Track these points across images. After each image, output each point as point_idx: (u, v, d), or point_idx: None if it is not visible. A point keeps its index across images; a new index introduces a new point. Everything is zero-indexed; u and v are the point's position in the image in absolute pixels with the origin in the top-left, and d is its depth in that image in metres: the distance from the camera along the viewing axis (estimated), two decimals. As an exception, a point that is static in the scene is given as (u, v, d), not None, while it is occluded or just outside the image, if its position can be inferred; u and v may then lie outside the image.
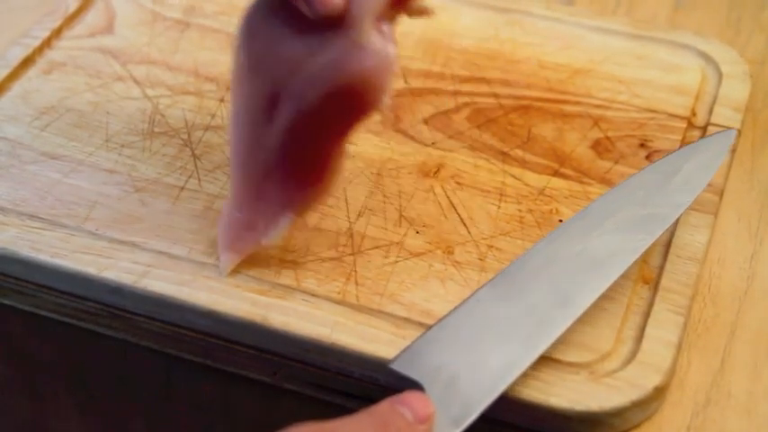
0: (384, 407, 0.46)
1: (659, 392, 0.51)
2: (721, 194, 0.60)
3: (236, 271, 0.55)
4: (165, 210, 0.59)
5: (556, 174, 0.61)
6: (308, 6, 0.49)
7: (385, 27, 0.50)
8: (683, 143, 0.63)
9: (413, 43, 0.70)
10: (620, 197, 0.56)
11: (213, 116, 0.65)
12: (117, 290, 0.55)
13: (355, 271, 0.56)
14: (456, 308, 0.52)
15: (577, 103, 0.61)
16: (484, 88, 0.67)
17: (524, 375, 0.50)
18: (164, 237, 0.57)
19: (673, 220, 0.55)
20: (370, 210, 0.59)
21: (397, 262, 0.56)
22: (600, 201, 0.56)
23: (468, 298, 0.52)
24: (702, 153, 0.58)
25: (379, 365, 0.51)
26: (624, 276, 0.55)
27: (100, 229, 0.58)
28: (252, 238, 0.55)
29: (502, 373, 0.49)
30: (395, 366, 0.49)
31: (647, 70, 0.68)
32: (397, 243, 0.57)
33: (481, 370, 0.49)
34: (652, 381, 0.51)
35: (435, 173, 0.62)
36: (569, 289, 0.52)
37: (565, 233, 0.54)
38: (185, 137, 0.64)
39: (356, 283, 0.55)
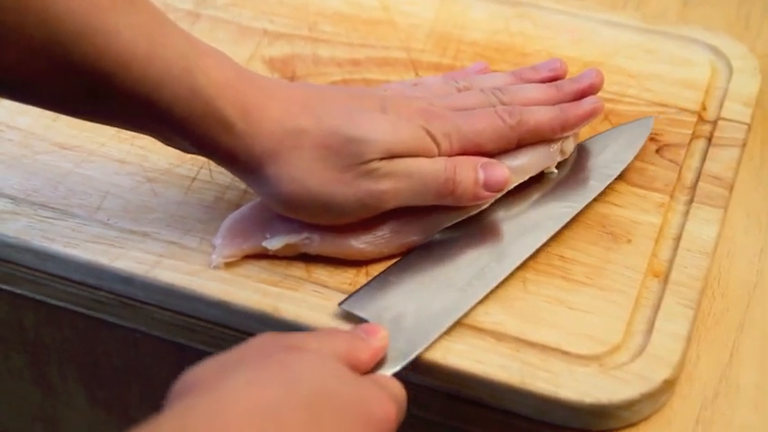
0: (337, 329, 0.51)
1: (668, 385, 0.51)
2: (731, 189, 0.60)
3: (246, 261, 0.56)
4: (177, 200, 0.59)
5: (566, 167, 0.61)
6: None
7: None
8: (694, 137, 0.63)
9: (423, 36, 0.70)
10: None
11: (224, 107, 0.65)
12: (128, 279, 0.56)
13: (366, 262, 0.56)
14: (400, 260, 0.55)
15: (587, 96, 0.61)
16: (494, 81, 0.67)
17: (531, 366, 0.51)
18: (175, 227, 0.58)
19: (599, 191, 0.59)
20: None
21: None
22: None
23: (412, 252, 0.56)
24: (626, 135, 0.62)
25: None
26: (634, 269, 0.55)
27: (111, 219, 0.58)
28: (257, 238, 0.55)
29: (443, 315, 0.52)
30: (345, 306, 0.53)
31: (657, 64, 0.68)
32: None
33: (424, 311, 0.52)
34: (661, 374, 0.51)
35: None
36: (505, 246, 0.56)
37: (503, 199, 0.57)
38: (196, 128, 0.64)
39: (366, 275, 0.55)
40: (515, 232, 0.56)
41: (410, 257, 0.55)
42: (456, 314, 0.52)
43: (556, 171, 0.59)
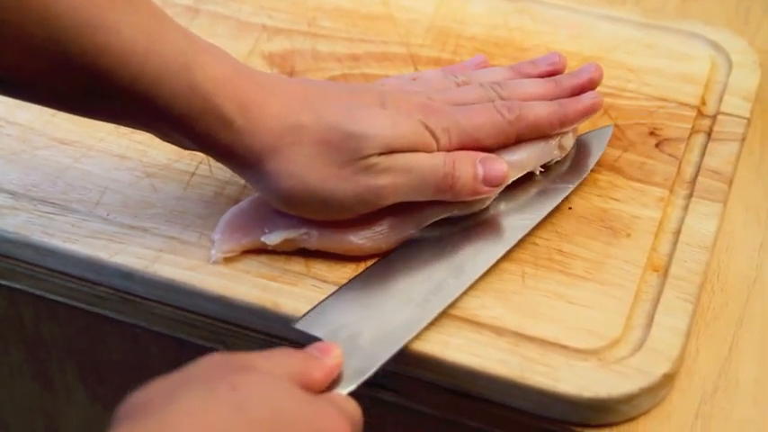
0: (290, 348, 0.49)
1: (668, 379, 0.51)
2: (730, 183, 0.60)
3: (245, 256, 0.56)
4: (176, 195, 0.59)
5: (565, 162, 0.61)
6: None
7: None
8: (693, 132, 0.63)
9: (423, 31, 0.70)
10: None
11: (223, 103, 0.65)
12: (128, 275, 0.56)
13: (364, 257, 0.56)
14: (358, 275, 0.54)
15: (587, 91, 0.61)
16: (493, 76, 0.67)
17: (530, 360, 0.51)
18: (174, 222, 0.58)
19: (559, 201, 0.58)
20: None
21: (406, 248, 0.57)
22: None
23: (370, 266, 0.55)
24: (584, 146, 0.61)
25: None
26: (633, 264, 0.55)
27: (111, 214, 0.58)
28: (256, 233, 0.55)
29: (400, 332, 0.51)
30: (299, 326, 0.52)
31: (657, 59, 0.68)
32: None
33: (380, 329, 0.51)
34: (661, 368, 0.51)
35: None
36: (463, 261, 0.55)
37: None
38: (196, 123, 0.64)
39: (366, 270, 0.56)
40: (475, 243, 0.56)
41: (368, 272, 0.55)
42: (413, 331, 0.52)
43: (540, 171, 0.58)
